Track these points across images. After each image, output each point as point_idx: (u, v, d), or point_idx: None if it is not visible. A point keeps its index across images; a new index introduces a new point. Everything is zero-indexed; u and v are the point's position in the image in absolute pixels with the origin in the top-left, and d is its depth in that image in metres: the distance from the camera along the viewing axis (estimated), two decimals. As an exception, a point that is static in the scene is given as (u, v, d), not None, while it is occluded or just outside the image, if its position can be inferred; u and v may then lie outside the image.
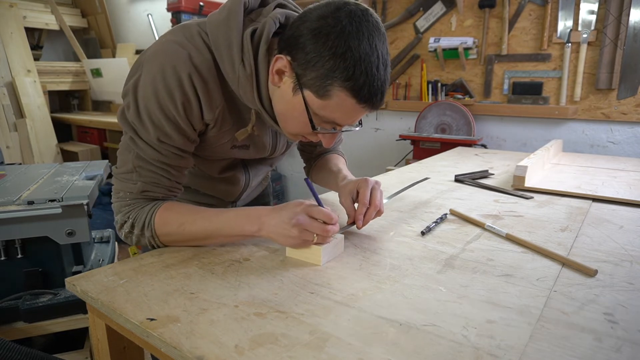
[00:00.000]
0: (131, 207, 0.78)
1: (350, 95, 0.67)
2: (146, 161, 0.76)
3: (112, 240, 1.76)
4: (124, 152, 0.78)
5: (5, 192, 1.37)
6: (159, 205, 0.78)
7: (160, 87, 0.71)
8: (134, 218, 0.78)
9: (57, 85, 3.83)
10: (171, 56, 0.72)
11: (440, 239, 0.85)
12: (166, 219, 0.77)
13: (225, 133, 0.82)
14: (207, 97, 0.75)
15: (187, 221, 0.77)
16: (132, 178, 0.77)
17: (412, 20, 2.74)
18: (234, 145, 0.85)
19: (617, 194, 1.14)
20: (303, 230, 0.70)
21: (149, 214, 0.77)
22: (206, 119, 0.77)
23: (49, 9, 3.91)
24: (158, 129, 0.74)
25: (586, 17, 2.20)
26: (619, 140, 2.25)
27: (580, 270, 0.71)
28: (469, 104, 2.57)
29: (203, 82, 0.73)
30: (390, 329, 0.54)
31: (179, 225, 0.77)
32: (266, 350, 0.50)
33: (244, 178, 0.99)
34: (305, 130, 0.75)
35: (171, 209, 0.78)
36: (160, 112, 0.73)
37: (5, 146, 3.25)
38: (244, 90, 0.76)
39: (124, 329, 0.60)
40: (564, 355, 0.49)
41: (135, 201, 0.78)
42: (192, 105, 0.74)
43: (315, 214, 0.71)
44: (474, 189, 1.25)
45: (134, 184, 0.77)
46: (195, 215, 0.77)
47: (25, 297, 1.33)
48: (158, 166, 0.77)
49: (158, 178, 0.78)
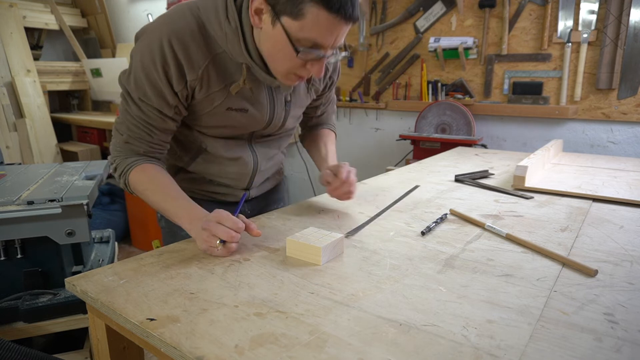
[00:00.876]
0: (118, 153, 0.91)
1: (322, 7, 0.71)
2: (132, 117, 0.87)
3: (112, 240, 1.75)
4: (120, 106, 0.90)
5: (5, 192, 1.37)
6: (137, 163, 0.89)
7: (145, 51, 0.82)
8: (117, 164, 0.91)
9: (57, 85, 3.83)
10: (157, 27, 0.83)
11: (440, 239, 0.85)
12: (138, 178, 0.88)
13: (216, 95, 0.88)
14: (187, 58, 0.82)
15: (150, 189, 0.88)
16: (121, 129, 0.89)
17: (412, 20, 2.74)
18: (229, 107, 0.90)
19: (617, 194, 1.14)
20: (210, 235, 0.75)
21: (127, 167, 0.89)
22: (189, 79, 0.84)
23: (48, 8, 3.90)
24: (140, 89, 0.84)
25: (586, 17, 2.20)
26: (619, 140, 2.25)
27: (580, 271, 0.71)
28: (469, 104, 2.57)
29: (183, 45, 0.82)
30: (390, 329, 0.54)
31: (144, 189, 0.89)
32: (266, 350, 0.49)
33: (252, 159, 1.02)
34: (293, 62, 0.79)
35: (145, 171, 0.89)
36: (143, 73, 0.83)
37: (5, 146, 3.25)
38: (232, 45, 0.83)
39: (124, 329, 0.60)
40: (564, 355, 0.49)
41: (122, 149, 0.90)
42: (170, 66, 0.82)
43: (224, 221, 0.76)
44: (474, 189, 1.25)
45: (122, 135, 0.89)
46: (158, 187, 0.88)
47: (25, 297, 1.33)
48: (141, 123, 0.87)
49: (140, 134, 0.88)
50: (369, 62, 2.97)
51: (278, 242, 0.83)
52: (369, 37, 2.92)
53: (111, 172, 0.94)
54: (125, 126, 0.88)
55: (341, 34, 0.77)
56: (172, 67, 0.82)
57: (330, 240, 0.75)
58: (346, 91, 3.10)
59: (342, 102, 3.09)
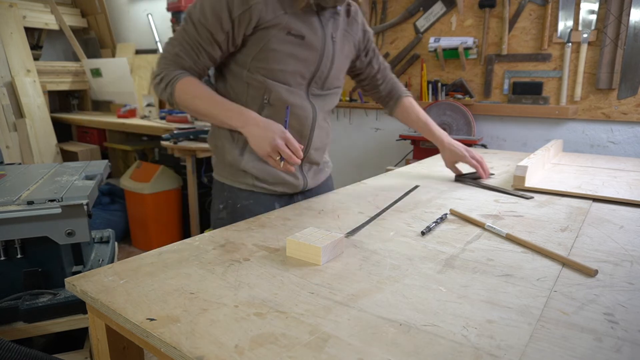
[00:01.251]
0: (165, 65, 1.01)
1: None
2: (187, 35, 0.99)
3: (112, 240, 1.75)
4: (179, 28, 1.01)
5: (5, 192, 1.37)
6: (184, 75, 1.00)
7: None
8: (164, 74, 1.01)
9: (57, 85, 3.83)
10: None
11: (440, 239, 0.85)
12: (186, 88, 0.99)
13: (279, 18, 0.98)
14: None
15: (198, 96, 1.00)
16: (174, 44, 1.01)
17: (412, 20, 2.74)
18: (289, 31, 1.00)
19: (617, 194, 1.14)
20: (275, 150, 0.93)
21: (175, 77, 0.99)
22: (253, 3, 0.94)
23: (48, 8, 3.90)
24: (201, 11, 0.96)
25: (586, 16, 2.20)
26: (619, 140, 2.25)
27: (580, 271, 0.71)
28: (469, 104, 2.57)
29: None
30: (390, 329, 0.54)
31: (193, 97, 1.00)
32: (266, 350, 0.49)
33: (311, 109, 1.11)
34: None
35: (192, 82, 1.00)
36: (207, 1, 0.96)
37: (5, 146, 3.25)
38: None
39: (124, 329, 0.60)
40: (564, 355, 0.49)
41: (170, 63, 1.01)
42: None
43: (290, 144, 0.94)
44: (474, 189, 1.25)
45: (174, 47, 1.01)
46: (206, 94, 1.00)
47: (25, 297, 1.33)
48: (194, 42, 0.99)
49: (190, 52, 1.00)
50: (369, 62, 2.97)
51: (278, 242, 0.83)
52: (369, 37, 2.92)
53: (153, 84, 1.02)
54: (178, 42, 1.00)
55: None
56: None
57: (330, 240, 0.75)
58: (346, 91, 3.10)
59: (342, 102, 3.09)
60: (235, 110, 0.99)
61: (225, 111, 0.99)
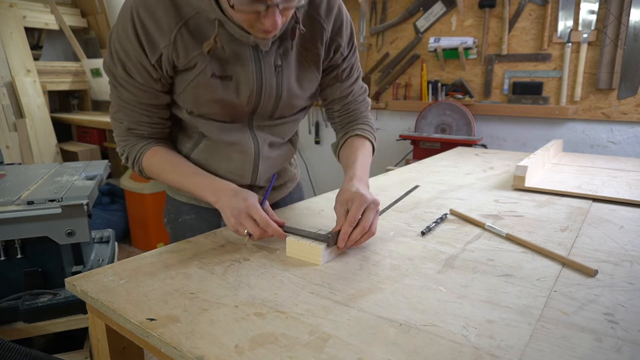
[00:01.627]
0: (125, 142, 0.91)
1: None
2: (125, 102, 0.87)
3: (112, 240, 1.75)
4: (111, 94, 0.89)
5: (5, 192, 1.37)
6: (147, 148, 0.90)
7: (120, 28, 0.81)
8: (127, 152, 0.91)
9: (57, 85, 3.83)
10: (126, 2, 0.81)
11: (440, 239, 0.85)
12: (151, 161, 0.90)
13: (196, 60, 0.82)
14: (155, 24, 0.79)
15: (165, 170, 0.90)
16: (119, 117, 0.89)
17: (412, 20, 2.74)
18: (213, 74, 0.83)
19: (617, 194, 1.14)
20: (239, 223, 0.79)
21: (138, 154, 0.90)
22: (162, 46, 0.80)
23: (48, 8, 3.90)
24: (123, 69, 0.83)
25: (586, 17, 2.20)
26: (619, 140, 2.25)
27: (580, 271, 0.71)
28: (469, 104, 2.57)
29: (149, 11, 0.78)
30: (390, 329, 0.54)
31: (160, 171, 0.90)
32: (266, 350, 0.49)
33: (252, 144, 0.94)
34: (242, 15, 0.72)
35: (156, 154, 0.90)
36: (122, 51, 0.81)
37: (5, 146, 3.25)
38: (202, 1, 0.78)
39: (124, 329, 0.60)
40: (564, 355, 0.49)
41: (127, 138, 0.91)
42: (141, 38, 0.79)
43: (254, 215, 0.78)
44: (474, 188, 1.25)
45: (121, 122, 0.89)
46: (173, 167, 0.90)
47: (25, 297, 1.33)
48: (135, 106, 0.87)
49: (138, 117, 0.88)
50: (369, 62, 2.97)
51: (278, 242, 0.83)
52: (369, 37, 2.92)
53: (123, 161, 0.94)
54: (122, 113, 0.88)
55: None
56: (144, 38, 0.79)
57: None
58: (346, 91, 3.10)
59: (342, 102, 3.08)
60: (207, 184, 0.86)
61: (195, 185, 0.87)
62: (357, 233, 0.76)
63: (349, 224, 0.76)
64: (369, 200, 0.78)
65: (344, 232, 0.76)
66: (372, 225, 0.78)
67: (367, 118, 1.06)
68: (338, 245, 0.76)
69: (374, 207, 0.78)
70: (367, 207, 0.78)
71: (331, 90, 1.00)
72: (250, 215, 0.78)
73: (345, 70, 0.98)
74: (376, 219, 0.80)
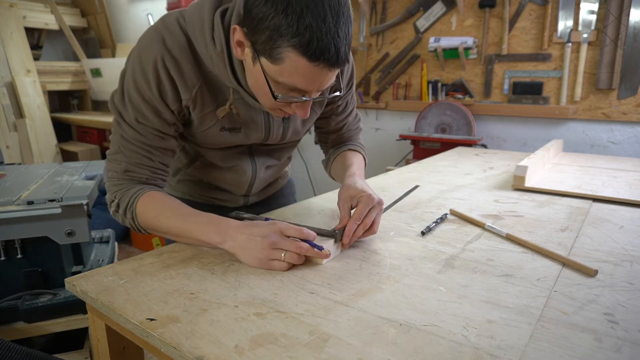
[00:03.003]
0: (118, 187, 0.82)
1: (299, 54, 0.63)
2: (129, 142, 0.80)
3: (112, 240, 1.75)
4: (113, 134, 0.83)
5: (5, 192, 1.37)
6: (143, 191, 0.81)
7: (137, 71, 0.77)
8: (119, 199, 0.81)
9: (57, 85, 3.83)
10: (147, 42, 0.77)
11: (440, 239, 0.85)
12: (147, 206, 0.79)
13: (208, 115, 0.83)
14: (180, 77, 0.77)
15: (163, 214, 0.79)
16: (118, 159, 0.82)
17: (412, 20, 2.74)
18: (222, 127, 0.85)
19: (617, 194, 1.14)
20: (274, 249, 0.69)
21: (132, 198, 0.80)
22: (183, 99, 0.79)
23: (48, 8, 3.90)
24: (136, 111, 0.78)
25: (586, 17, 2.20)
26: (620, 140, 2.25)
27: (580, 271, 0.71)
28: (469, 104, 2.57)
29: (175, 63, 0.76)
30: (390, 329, 0.54)
31: (156, 215, 0.79)
32: (266, 350, 0.49)
33: (251, 168, 0.97)
34: (274, 102, 0.72)
35: (153, 198, 0.80)
36: (137, 94, 0.77)
37: (5, 146, 3.25)
38: (218, 69, 0.77)
39: (124, 329, 0.60)
40: (564, 355, 0.49)
41: (122, 182, 0.82)
42: (164, 86, 0.77)
43: (288, 232, 0.72)
44: (474, 188, 1.25)
45: (119, 164, 0.81)
46: (172, 211, 0.79)
47: (25, 297, 1.33)
48: (140, 147, 0.80)
49: (140, 158, 0.81)
50: (369, 62, 2.97)
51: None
52: (369, 37, 2.92)
53: (112, 212, 0.83)
54: (121, 155, 0.81)
55: (326, 80, 0.69)
56: (167, 87, 0.77)
57: (331, 240, 0.75)
58: (346, 91, 3.10)
59: (342, 102, 3.08)
60: (211, 223, 0.76)
61: (197, 228, 0.76)
62: (360, 230, 0.78)
63: (354, 222, 0.77)
64: (375, 200, 0.81)
65: (349, 229, 0.77)
66: (375, 224, 0.80)
67: (358, 140, 1.12)
68: (343, 241, 0.77)
69: (378, 207, 0.81)
70: (372, 207, 0.79)
71: (327, 122, 1.05)
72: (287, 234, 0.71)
73: (341, 106, 1.02)
74: (379, 217, 0.81)
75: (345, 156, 1.04)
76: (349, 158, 1.02)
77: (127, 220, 0.82)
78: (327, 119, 1.04)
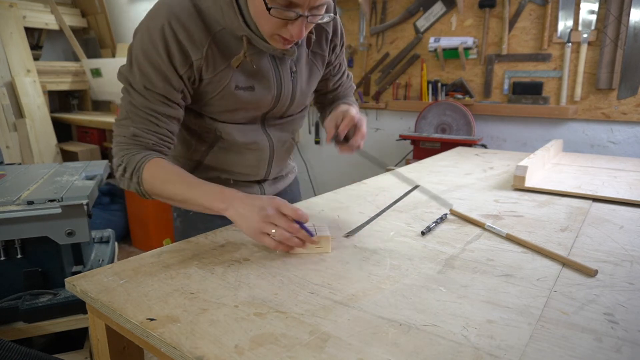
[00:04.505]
0: (125, 151, 0.84)
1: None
2: (137, 108, 0.83)
3: (112, 240, 1.76)
4: (122, 102, 0.85)
5: (5, 192, 1.37)
6: (150, 157, 0.83)
7: (146, 39, 0.80)
8: (126, 163, 0.83)
9: (57, 85, 3.83)
10: (154, 12, 0.81)
11: (440, 239, 0.85)
12: (153, 172, 0.82)
13: (222, 74, 0.86)
14: (189, 39, 0.80)
15: (170, 180, 0.82)
16: (126, 124, 0.84)
17: (412, 20, 2.74)
18: (237, 86, 0.88)
19: (617, 194, 1.14)
20: (267, 222, 0.72)
21: (140, 163, 0.82)
22: (194, 59, 0.82)
23: (48, 8, 3.90)
24: (144, 77, 0.81)
25: (586, 17, 2.20)
26: (620, 140, 2.25)
27: (580, 271, 0.71)
28: (469, 104, 2.57)
29: (183, 26, 0.79)
30: (390, 329, 0.54)
31: (163, 182, 0.82)
32: (266, 350, 0.49)
33: (268, 144, 1.01)
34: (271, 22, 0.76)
35: (159, 164, 0.83)
36: (146, 60, 0.80)
37: (5, 146, 3.25)
38: (229, 19, 0.81)
39: (124, 329, 0.60)
40: (564, 355, 0.49)
41: (129, 146, 0.84)
42: (173, 49, 0.80)
43: (284, 209, 0.73)
44: (474, 188, 1.25)
45: (127, 128, 0.84)
46: (178, 177, 0.82)
47: (25, 297, 1.33)
48: (147, 112, 0.83)
49: (147, 124, 0.84)
50: (369, 62, 2.97)
51: (278, 242, 0.83)
52: (369, 37, 2.92)
53: (118, 176, 0.85)
54: (130, 120, 0.83)
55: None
56: (175, 49, 0.80)
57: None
58: (346, 91, 3.10)
59: (342, 102, 3.08)
60: (215, 191, 0.79)
61: (203, 194, 0.79)
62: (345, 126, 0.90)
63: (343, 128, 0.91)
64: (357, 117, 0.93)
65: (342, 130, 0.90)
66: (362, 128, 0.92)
67: (351, 97, 1.19)
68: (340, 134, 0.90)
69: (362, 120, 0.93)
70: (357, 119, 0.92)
71: (325, 84, 1.11)
72: (279, 210, 0.73)
73: (337, 65, 1.09)
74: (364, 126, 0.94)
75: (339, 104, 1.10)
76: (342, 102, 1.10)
77: (133, 185, 0.84)
78: (326, 81, 1.10)
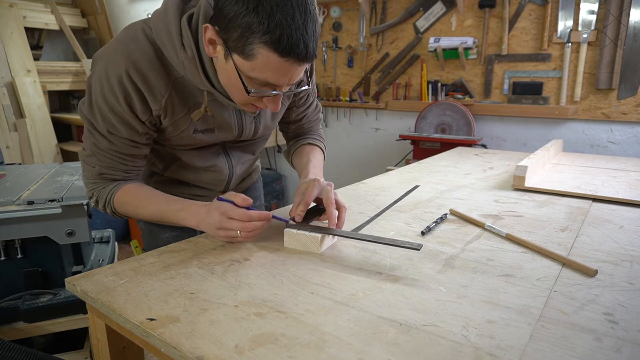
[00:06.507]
0: (94, 185, 0.88)
1: (271, 50, 0.66)
2: (102, 150, 0.83)
3: (112, 240, 1.76)
4: (85, 139, 0.85)
5: (5, 192, 1.37)
6: (118, 187, 0.86)
7: (105, 84, 0.78)
8: (97, 195, 0.88)
9: (57, 85, 3.83)
10: (113, 55, 0.78)
11: (440, 239, 0.85)
12: (124, 200, 0.86)
13: (180, 120, 0.85)
14: (148, 89, 0.79)
15: (140, 205, 0.86)
16: (91, 162, 0.86)
17: (412, 20, 2.74)
18: (195, 130, 0.88)
19: (617, 194, 1.14)
20: (226, 230, 0.77)
21: (109, 195, 0.86)
22: (153, 109, 0.81)
23: (49, 9, 3.90)
24: (107, 122, 0.80)
25: (586, 17, 2.20)
26: (619, 140, 2.25)
27: (580, 270, 0.71)
28: (469, 104, 2.57)
29: (142, 75, 0.78)
30: (390, 329, 0.54)
31: (134, 208, 0.86)
32: (266, 350, 0.49)
33: (227, 167, 1.01)
34: (247, 97, 0.75)
35: (128, 192, 0.86)
36: (107, 107, 0.79)
37: (5, 146, 3.25)
38: (191, 74, 0.79)
39: (124, 329, 0.60)
40: (564, 355, 0.49)
41: (97, 182, 0.87)
42: (133, 99, 0.79)
43: (231, 214, 0.77)
44: (473, 188, 1.25)
45: (93, 167, 0.86)
46: (147, 201, 0.86)
47: (25, 297, 1.33)
48: (112, 154, 0.84)
49: (113, 163, 0.85)
50: (368, 62, 2.97)
51: (278, 242, 0.83)
52: (369, 37, 2.92)
53: (92, 205, 0.90)
54: (95, 159, 0.84)
55: (295, 74, 0.73)
56: (136, 99, 0.78)
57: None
58: (346, 91, 3.10)
59: (342, 102, 3.09)
60: (186, 210, 0.82)
61: (174, 213, 0.83)
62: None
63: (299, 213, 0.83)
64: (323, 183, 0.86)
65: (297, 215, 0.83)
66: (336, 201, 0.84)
67: (318, 131, 1.16)
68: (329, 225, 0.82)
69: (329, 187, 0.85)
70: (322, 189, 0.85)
71: (288, 113, 1.07)
72: (230, 217, 0.77)
73: (303, 98, 1.05)
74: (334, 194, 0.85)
75: (304, 151, 1.08)
76: (307, 153, 1.06)
77: (109, 212, 0.88)
78: (289, 110, 1.06)
